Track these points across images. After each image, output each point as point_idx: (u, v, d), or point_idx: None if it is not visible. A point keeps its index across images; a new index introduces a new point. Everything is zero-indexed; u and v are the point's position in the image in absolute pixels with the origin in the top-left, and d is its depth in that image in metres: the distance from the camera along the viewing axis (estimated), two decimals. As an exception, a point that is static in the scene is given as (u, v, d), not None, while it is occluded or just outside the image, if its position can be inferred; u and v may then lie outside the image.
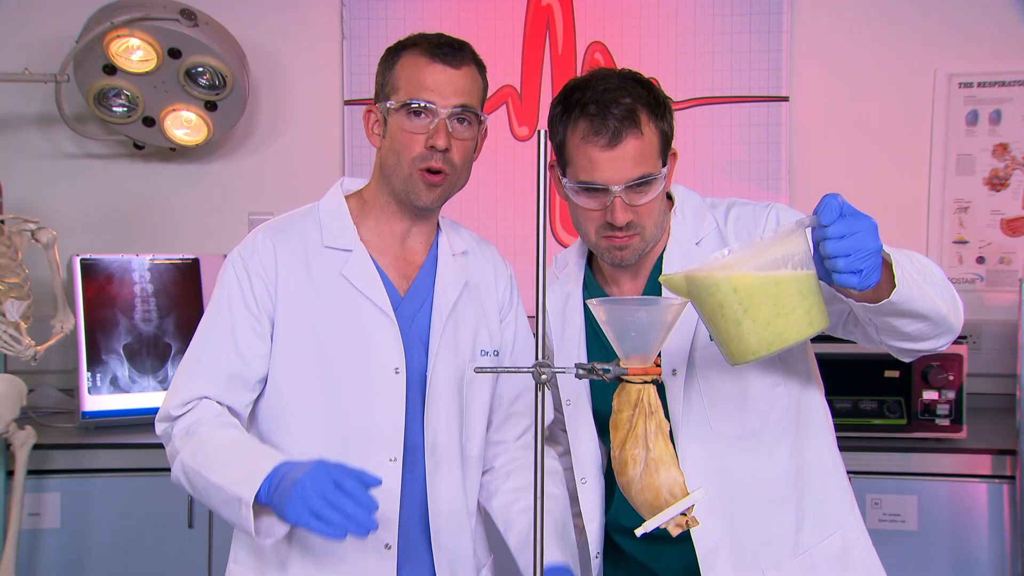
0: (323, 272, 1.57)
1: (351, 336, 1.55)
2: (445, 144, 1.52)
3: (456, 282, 1.64)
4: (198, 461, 1.46)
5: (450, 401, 1.60)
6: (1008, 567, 2.48)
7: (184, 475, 1.49)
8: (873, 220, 1.22)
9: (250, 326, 1.55)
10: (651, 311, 1.21)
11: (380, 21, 3.21)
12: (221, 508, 1.44)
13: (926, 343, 1.42)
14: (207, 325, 1.57)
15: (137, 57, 2.91)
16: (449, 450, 1.60)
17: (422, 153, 1.53)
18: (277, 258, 1.57)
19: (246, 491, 1.38)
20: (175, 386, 1.56)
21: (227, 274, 1.57)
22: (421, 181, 1.55)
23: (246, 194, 3.26)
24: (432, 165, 1.54)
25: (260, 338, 1.55)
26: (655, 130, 1.53)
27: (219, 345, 1.55)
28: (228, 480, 1.41)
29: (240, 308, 1.55)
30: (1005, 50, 3.06)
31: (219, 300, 1.57)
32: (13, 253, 2.55)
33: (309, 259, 1.58)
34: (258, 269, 1.56)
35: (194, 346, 1.57)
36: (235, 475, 1.41)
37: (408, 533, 1.58)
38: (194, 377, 1.55)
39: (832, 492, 1.62)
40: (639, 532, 1.22)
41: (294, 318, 1.55)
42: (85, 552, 2.60)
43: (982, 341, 3.01)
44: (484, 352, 1.66)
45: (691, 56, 3.15)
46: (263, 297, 1.55)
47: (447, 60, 1.53)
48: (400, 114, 1.54)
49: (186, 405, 1.53)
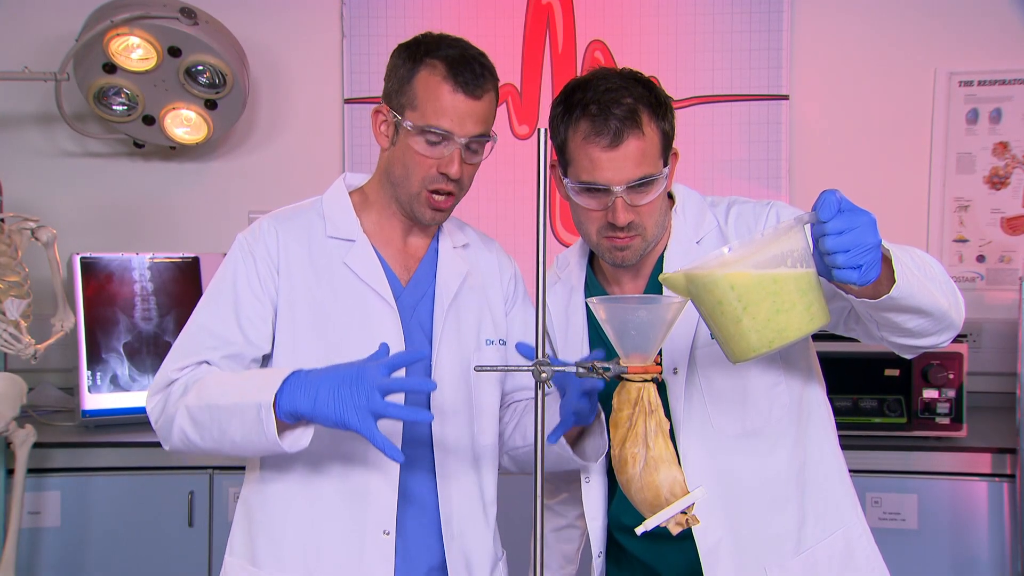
0: (326, 261, 1.58)
1: (352, 323, 1.56)
2: (459, 174, 1.54)
3: (457, 273, 1.65)
4: (204, 397, 1.44)
5: (456, 390, 1.60)
6: (1008, 566, 2.48)
7: (190, 419, 1.45)
8: (872, 215, 1.22)
9: (252, 307, 1.54)
10: (651, 310, 1.21)
11: (380, 19, 3.20)
12: (237, 431, 1.40)
13: (927, 339, 1.42)
14: (210, 299, 1.56)
15: (137, 56, 2.91)
16: (459, 440, 1.60)
17: (433, 176, 1.54)
18: (281, 244, 1.57)
19: (264, 395, 1.36)
20: (173, 354, 1.54)
21: (232, 256, 1.58)
22: (427, 203, 1.56)
23: (246, 193, 3.26)
24: (441, 188, 1.55)
25: (262, 320, 1.55)
26: (656, 130, 1.53)
27: (222, 320, 1.54)
28: (241, 395, 1.39)
29: (244, 288, 1.55)
30: (1005, 49, 3.07)
31: (223, 279, 1.56)
32: (13, 252, 2.55)
33: (313, 248, 1.59)
34: (263, 253, 1.56)
35: (195, 319, 1.56)
36: (248, 389, 1.39)
37: (412, 520, 1.57)
38: (197, 347, 1.53)
39: (834, 490, 1.62)
40: (639, 531, 1.22)
41: (297, 304, 1.56)
42: (85, 550, 2.60)
43: (982, 340, 3.02)
44: (489, 341, 1.66)
45: (691, 54, 3.14)
46: (267, 280, 1.56)
47: (468, 89, 1.52)
48: (415, 136, 1.54)
49: (185, 369, 1.52)
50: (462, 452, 1.61)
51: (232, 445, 1.43)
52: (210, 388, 1.45)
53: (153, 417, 1.54)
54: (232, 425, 1.41)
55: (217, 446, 1.46)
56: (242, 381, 1.44)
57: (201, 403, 1.44)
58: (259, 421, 1.37)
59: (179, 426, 1.47)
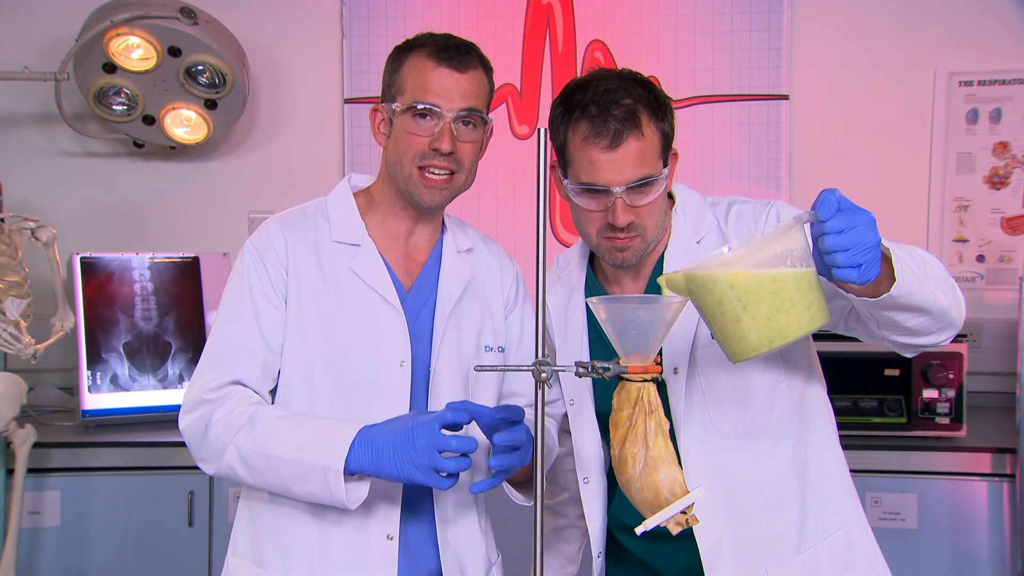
0: (332, 265, 1.58)
1: (358, 328, 1.56)
2: (449, 148, 1.53)
3: (460, 279, 1.65)
4: (260, 443, 1.46)
5: (454, 396, 1.61)
6: (1008, 565, 2.48)
7: (241, 460, 1.48)
8: (871, 214, 1.22)
9: (271, 315, 1.55)
10: (651, 309, 1.21)
11: (380, 19, 3.21)
12: (298, 485, 1.45)
13: (928, 337, 1.42)
14: (230, 312, 1.56)
15: (137, 55, 2.91)
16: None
17: (423, 151, 1.54)
18: (289, 248, 1.58)
19: (333, 460, 1.41)
20: (203, 370, 1.54)
21: (244, 264, 1.58)
22: (420, 180, 1.56)
23: (246, 192, 3.26)
24: (434, 164, 1.54)
25: (282, 326, 1.56)
26: (656, 131, 1.52)
27: (245, 332, 1.54)
28: (306, 453, 1.43)
29: (260, 297, 1.55)
30: (1005, 49, 3.07)
31: (240, 290, 1.57)
32: (13, 251, 2.55)
33: (319, 251, 1.59)
34: (273, 259, 1.57)
35: (218, 333, 1.56)
36: (313, 447, 1.43)
37: (413, 526, 1.58)
38: (226, 362, 1.54)
39: (835, 489, 1.62)
40: (639, 530, 1.22)
41: (304, 308, 1.56)
42: (85, 550, 2.60)
43: (982, 339, 3.02)
44: (489, 348, 1.67)
45: (691, 54, 3.14)
46: (279, 286, 1.56)
47: (453, 64, 1.54)
48: (405, 116, 1.55)
49: (220, 389, 1.52)
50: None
51: (286, 491, 1.48)
52: (267, 434, 1.47)
53: (189, 438, 1.54)
54: (293, 478, 1.45)
55: (266, 486, 1.51)
56: (303, 435, 1.46)
57: (257, 448, 1.47)
58: (327, 483, 1.43)
59: (228, 463, 1.50)
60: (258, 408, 1.50)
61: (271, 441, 1.46)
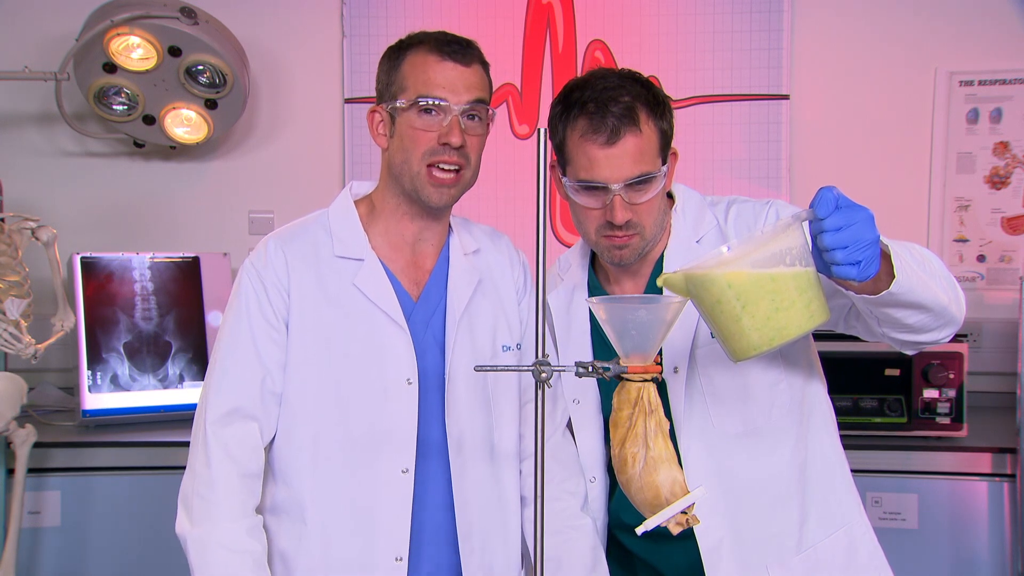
0: (335, 282, 1.56)
1: (363, 346, 1.54)
2: (460, 141, 1.51)
3: (469, 282, 1.63)
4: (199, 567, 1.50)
5: (473, 400, 1.59)
6: (1008, 565, 2.48)
7: (185, 545, 1.55)
8: (869, 211, 1.22)
9: (270, 337, 1.54)
10: (651, 309, 1.21)
11: (380, 19, 3.21)
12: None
13: (928, 335, 1.42)
14: (231, 341, 1.55)
15: (137, 55, 2.91)
16: (476, 448, 1.58)
17: (432, 148, 1.52)
18: (289, 267, 1.55)
19: None
20: (205, 400, 1.54)
21: (243, 286, 1.56)
22: (428, 179, 1.53)
23: (246, 192, 3.26)
24: (444, 160, 1.52)
25: (280, 348, 1.54)
26: (654, 128, 1.53)
27: (245, 363, 1.53)
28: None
29: (259, 319, 1.54)
30: (1006, 48, 3.06)
31: (238, 313, 1.55)
32: (13, 251, 2.55)
33: (320, 268, 1.56)
34: (272, 279, 1.54)
35: (219, 362, 1.55)
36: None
37: (429, 545, 1.56)
38: (226, 392, 1.53)
39: (836, 488, 1.62)
40: (640, 531, 1.21)
41: (306, 327, 1.54)
42: (85, 550, 2.60)
43: (982, 339, 3.01)
44: (506, 347, 1.65)
45: (691, 54, 3.14)
46: (280, 307, 1.54)
47: (456, 57, 1.52)
48: (410, 112, 1.52)
49: (220, 422, 1.52)
50: (481, 460, 1.59)
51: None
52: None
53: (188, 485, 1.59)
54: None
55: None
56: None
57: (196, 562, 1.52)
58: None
59: (181, 531, 1.57)
60: (220, 526, 1.53)
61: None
